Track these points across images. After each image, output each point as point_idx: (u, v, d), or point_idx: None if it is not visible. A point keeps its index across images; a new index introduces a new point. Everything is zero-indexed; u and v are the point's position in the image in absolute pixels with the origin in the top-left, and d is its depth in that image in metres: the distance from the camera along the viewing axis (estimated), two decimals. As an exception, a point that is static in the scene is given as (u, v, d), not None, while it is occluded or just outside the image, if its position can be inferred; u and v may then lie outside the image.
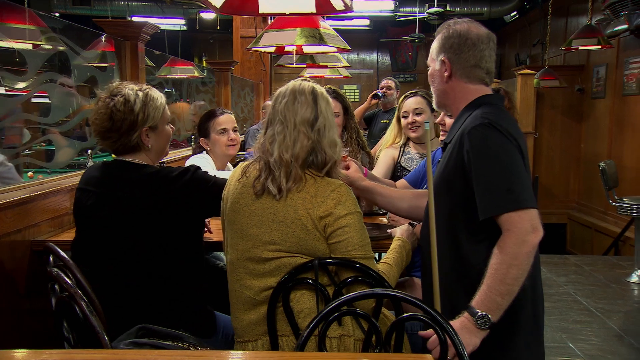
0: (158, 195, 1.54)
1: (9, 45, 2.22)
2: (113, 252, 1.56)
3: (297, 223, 1.36)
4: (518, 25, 9.41)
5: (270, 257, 1.39)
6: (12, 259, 1.75)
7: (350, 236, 1.37)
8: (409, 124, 2.44)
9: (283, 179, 1.37)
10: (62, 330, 1.33)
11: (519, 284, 1.25)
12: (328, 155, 1.41)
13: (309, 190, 1.38)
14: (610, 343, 3.12)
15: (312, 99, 1.43)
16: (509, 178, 1.28)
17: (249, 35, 6.36)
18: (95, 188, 1.60)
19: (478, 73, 1.45)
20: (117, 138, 1.58)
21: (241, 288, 1.45)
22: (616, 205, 4.37)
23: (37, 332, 1.84)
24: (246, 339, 1.46)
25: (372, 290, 1.30)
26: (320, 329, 1.23)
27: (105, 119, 1.57)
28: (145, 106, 1.59)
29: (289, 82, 1.48)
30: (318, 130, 1.41)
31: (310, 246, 1.37)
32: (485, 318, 1.24)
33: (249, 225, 1.41)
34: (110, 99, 1.57)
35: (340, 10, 1.96)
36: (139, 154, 1.63)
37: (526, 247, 1.24)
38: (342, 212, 1.36)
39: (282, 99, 1.44)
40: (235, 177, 1.49)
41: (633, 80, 5.49)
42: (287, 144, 1.39)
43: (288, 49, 3.08)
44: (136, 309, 1.54)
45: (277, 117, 1.43)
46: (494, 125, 1.31)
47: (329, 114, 1.44)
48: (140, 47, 2.86)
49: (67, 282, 1.28)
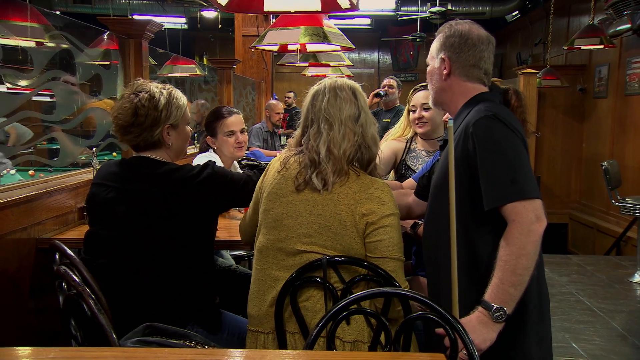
0: (179, 191, 1.56)
1: (14, 43, 2.21)
2: (128, 246, 1.56)
3: (335, 217, 1.38)
4: (520, 24, 9.40)
5: (303, 249, 1.40)
6: (18, 257, 1.74)
7: (392, 236, 1.39)
8: (416, 119, 2.39)
9: (330, 174, 1.39)
10: (69, 328, 1.33)
11: (529, 273, 1.26)
12: (372, 152, 1.45)
13: (352, 185, 1.40)
14: (613, 343, 3.11)
15: (352, 94, 1.46)
16: (513, 169, 1.30)
17: (251, 33, 6.35)
18: (114, 183, 1.61)
19: (476, 73, 1.48)
20: (139, 133, 1.61)
21: (266, 277, 1.45)
22: (619, 205, 4.37)
23: (42, 330, 1.84)
24: (260, 330, 1.46)
25: (381, 289, 1.30)
26: (329, 328, 1.23)
27: (129, 113, 1.59)
28: (169, 104, 1.63)
29: (323, 80, 1.50)
30: (362, 126, 1.44)
31: (345, 242, 1.38)
32: (502, 311, 1.25)
33: (285, 215, 1.42)
34: (135, 95, 1.61)
35: (346, 8, 1.95)
36: (159, 151, 1.66)
37: (532, 237, 1.26)
38: (386, 211, 1.39)
39: (323, 96, 1.45)
40: (274, 168, 1.50)
41: (635, 80, 5.49)
42: (336, 140, 1.41)
43: (292, 48, 3.07)
44: (143, 305, 1.54)
45: (320, 114, 1.44)
46: (498, 118, 1.34)
47: (367, 109, 1.49)
48: (144, 45, 2.85)
49: (74, 280, 1.28)
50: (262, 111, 6.00)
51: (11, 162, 2.35)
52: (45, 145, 2.76)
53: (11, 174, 2.88)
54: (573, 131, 6.93)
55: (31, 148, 2.43)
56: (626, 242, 5.36)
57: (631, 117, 5.63)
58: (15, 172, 2.88)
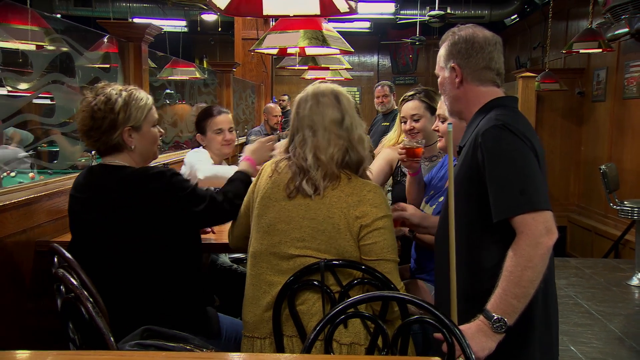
0: (136, 194, 1.53)
1: (13, 46, 2.22)
2: (106, 254, 1.55)
3: (329, 221, 1.38)
4: (518, 28, 9.43)
5: (297, 254, 1.40)
6: (17, 260, 1.75)
7: (386, 238, 1.40)
8: (408, 130, 2.35)
9: (320, 179, 1.39)
10: (67, 331, 1.33)
11: (535, 286, 1.24)
12: (360, 154, 1.44)
13: (344, 189, 1.40)
14: (611, 346, 3.12)
15: (334, 98, 1.46)
16: (522, 179, 1.27)
17: (251, 37, 6.37)
18: (80, 194, 1.60)
19: (489, 75, 1.45)
20: (98, 137, 1.58)
21: (260, 283, 1.46)
22: (617, 208, 4.38)
23: (41, 333, 1.84)
24: (256, 335, 1.46)
25: (379, 293, 1.30)
26: (327, 331, 1.23)
27: (87, 117, 1.57)
28: (127, 105, 1.58)
29: (307, 88, 1.51)
30: (347, 129, 1.44)
31: (339, 245, 1.39)
32: (502, 322, 1.23)
33: (278, 220, 1.43)
34: (93, 99, 1.58)
35: (345, 12, 1.96)
36: (122, 155, 1.62)
37: (540, 249, 1.23)
38: (379, 213, 1.39)
39: (305, 104, 1.47)
40: (266, 173, 1.50)
41: (633, 84, 5.51)
42: (321, 146, 1.41)
43: (291, 51, 3.08)
44: (136, 311, 1.53)
45: (304, 122, 1.45)
46: (507, 127, 1.31)
47: (352, 111, 1.48)
48: (144, 49, 2.87)
49: (73, 283, 1.28)
50: (262, 114, 6.01)
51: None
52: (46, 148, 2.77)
53: (11, 176, 2.89)
54: (571, 134, 6.94)
55: (31, 151, 2.44)
56: (624, 245, 5.36)
57: (629, 120, 5.64)
58: (16, 174, 2.89)
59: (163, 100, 4.46)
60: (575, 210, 6.89)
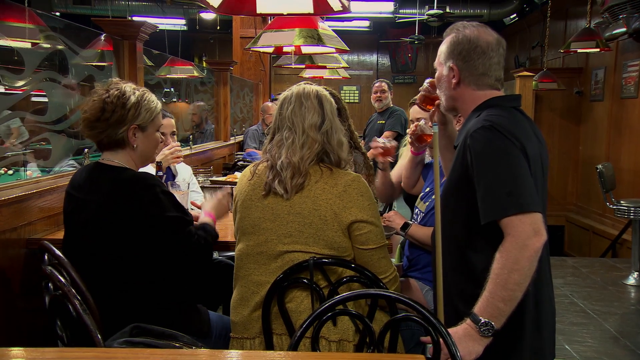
0: (124, 196, 1.53)
1: (7, 44, 2.22)
2: (97, 252, 1.56)
3: (315, 214, 1.40)
4: (517, 27, 9.42)
5: (285, 250, 1.41)
6: (7, 257, 1.75)
7: (378, 224, 1.45)
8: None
9: (289, 180, 1.41)
10: (55, 329, 1.33)
11: (522, 289, 1.21)
12: (340, 155, 1.48)
13: (327, 180, 1.42)
14: (606, 345, 3.12)
15: (317, 103, 1.48)
16: (510, 181, 1.25)
17: (249, 35, 6.36)
18: (75, 192, 1.61)
19: (487, 80, 1.43)
20: (103, 129, 1.58)
21: (249, 284, 1.46)
22: (614, 207, 4.38)
23: (32, 331, 1.84)
24: (245, 336, 1.47)
25: (366, 291, 1.31)
26: (314, 328, 1.23)
27: (97, 108, 1.57)
28: (138, 104, 1.60)
29: (292, 87, 1.52)
30: (325, 132, 1.47)
31: (327, 237, 1.40)
32: (489, 325, 1.21)
33: (263, 219, 1.44)
34: (105, 92, 1.59)
35: (338, 10, 1.96)
36: (122, 153, 1.62)
37: (527, 252, 1.20)
38: (366, 202, 1.43)
39: (289, 105, 1.49)
40: (245, 177, 1.52)
41: (631, 84, 5.50)
42: (295, 148, 1.44)
43: (286, 50, 3.08)
44: (127, 308, 1.54)
45: (284, 123, 1.48)
46: (495, 128, 1.29)
47: (333, 116, 1.51)
48: (139, 47, 2.86)
49: (60, 281, 1.28)
50: (259, 113, 6.01)
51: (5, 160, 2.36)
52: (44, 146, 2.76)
53: (9, 174, 2.89)
54: (570, 134, 6.94)
55: (24, 148, 2.44)
56: (622, 244, 5.36)
57: (627, 120, 5.64)
58: (13, 172, 2.89)
59: (160, 98, 4.47)
60: (573, 210, 6.89)
